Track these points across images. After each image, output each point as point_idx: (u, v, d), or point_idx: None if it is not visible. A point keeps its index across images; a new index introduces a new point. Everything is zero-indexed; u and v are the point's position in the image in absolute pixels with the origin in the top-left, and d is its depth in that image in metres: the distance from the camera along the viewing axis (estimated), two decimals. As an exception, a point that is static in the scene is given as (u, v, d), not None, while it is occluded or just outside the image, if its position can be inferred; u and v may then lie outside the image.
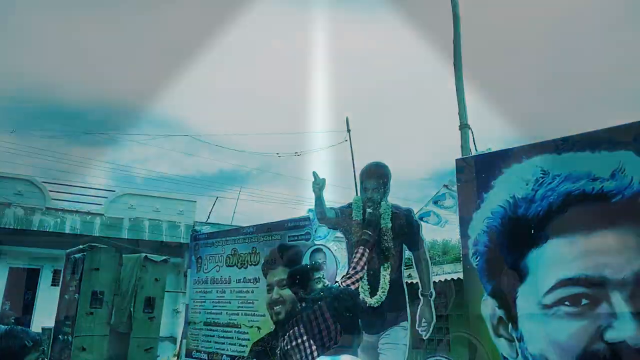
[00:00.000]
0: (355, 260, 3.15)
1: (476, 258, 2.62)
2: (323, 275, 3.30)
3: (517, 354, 2.38)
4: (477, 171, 2.74)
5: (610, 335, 2.12)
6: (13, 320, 8.63)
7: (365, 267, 3.15)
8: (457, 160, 2.91)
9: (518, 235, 2.45)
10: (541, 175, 2.46)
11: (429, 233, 3.50)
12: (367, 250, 3.21)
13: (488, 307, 2.53)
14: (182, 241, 14.63)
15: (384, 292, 3.29)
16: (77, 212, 14.36)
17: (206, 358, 4.85)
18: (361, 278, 3.14)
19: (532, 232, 2.39)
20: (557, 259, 2.32)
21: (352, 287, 3.03)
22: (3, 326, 1.98)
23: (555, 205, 2.37)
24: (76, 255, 6.21)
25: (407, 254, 3.52)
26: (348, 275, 3.09)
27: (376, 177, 3.56)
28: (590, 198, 2.28)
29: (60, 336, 6.11)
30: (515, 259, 2.43)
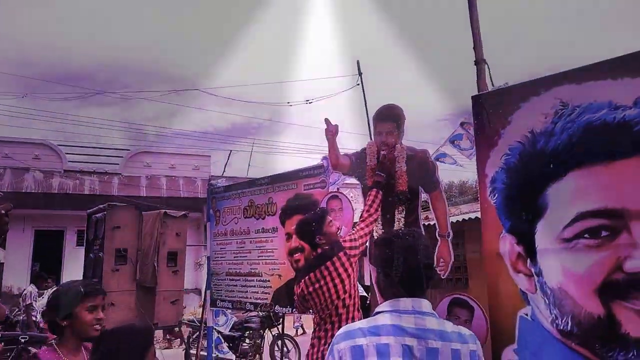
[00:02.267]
0: (369, 202, 3.15)
1: (494, 196, 2.59)
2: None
3: (536, 289, 2.39)
4: (494, 107, 2.66)
5: (630, 265, 2.10)
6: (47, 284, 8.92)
7: (379, 209, 3.15)
8: (472, 97, 2.81)
9: (537, 171, 2.40)
10: (560, 107, 2.37)
11: (446, 174, 3.46)
12: (380, 192, 3.20)
13: (506, 244, 2.52)
14: (199, 196, 14.86)
15: None
16: (94, 172, 14.56)
17: (230, 306, 5.00)
18: (376, 220, 3.15)
19: (552, 166, 2.34)
20: (576, 192, 2.28)
21: (367, 229, 3.04)
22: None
23: (575, 137, 2.30)
24: (97, 215, 6.33)
25: (424, 196, 3.51)
26: (362, 218, 3.09)
27: (389, 119, 3.51)
28: (611, 127, 2.21)
29: (89, 293, 6.31)
30: (534, 194, 2.40)
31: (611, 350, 2.10)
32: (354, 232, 3.06)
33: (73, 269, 13.84)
